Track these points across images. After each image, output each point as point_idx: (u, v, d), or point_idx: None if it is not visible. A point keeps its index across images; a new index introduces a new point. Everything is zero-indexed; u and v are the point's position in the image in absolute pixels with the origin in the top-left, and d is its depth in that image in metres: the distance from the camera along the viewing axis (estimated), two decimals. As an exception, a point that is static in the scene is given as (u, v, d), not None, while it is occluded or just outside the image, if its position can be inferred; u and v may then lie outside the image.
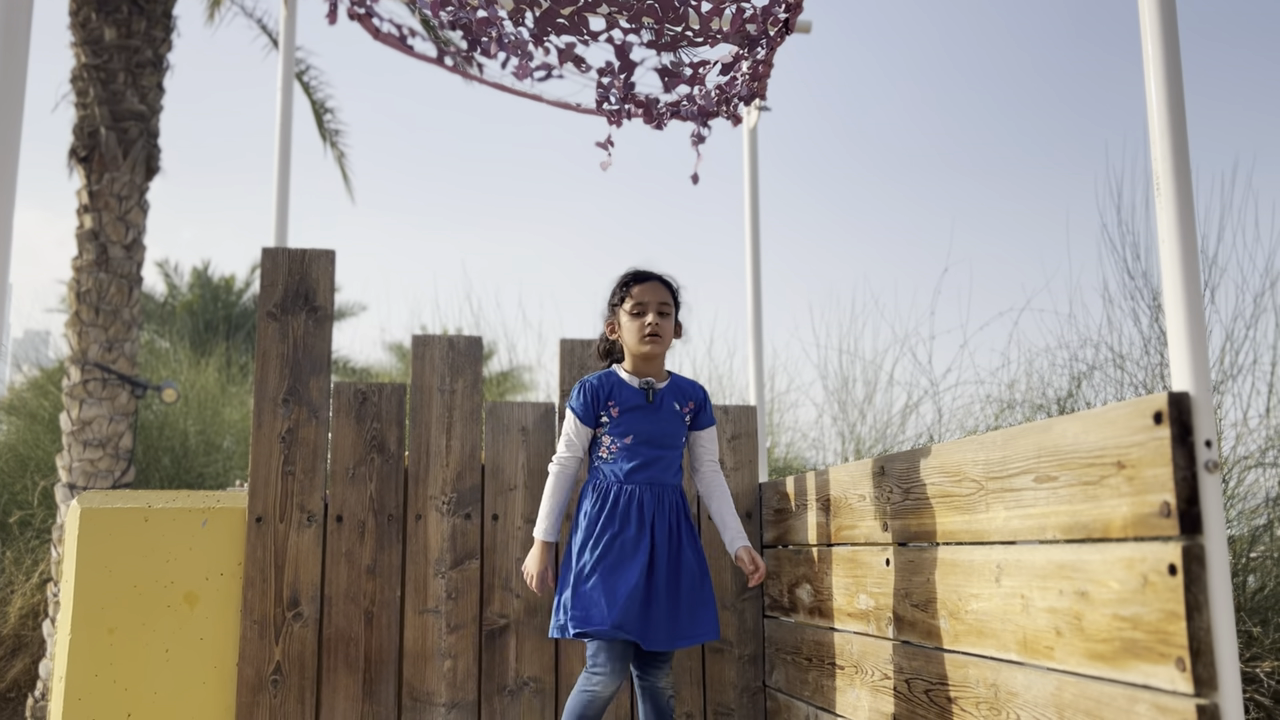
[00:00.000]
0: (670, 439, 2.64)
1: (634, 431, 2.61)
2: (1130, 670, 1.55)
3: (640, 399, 2.63)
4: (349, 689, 3.02)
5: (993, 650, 1.93)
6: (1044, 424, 1.79)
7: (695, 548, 2.60)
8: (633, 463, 2.58)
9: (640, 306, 2.63)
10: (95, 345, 6.65)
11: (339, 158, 9.92)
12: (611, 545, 2.50)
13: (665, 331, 2.63)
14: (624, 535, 2.51)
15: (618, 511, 2.54)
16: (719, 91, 2.94)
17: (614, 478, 2.59)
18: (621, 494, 2.56)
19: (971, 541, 2.03)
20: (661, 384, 2.68)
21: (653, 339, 2.61)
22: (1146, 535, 1.53)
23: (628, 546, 2.50)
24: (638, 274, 2.69)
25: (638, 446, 2.60)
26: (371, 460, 3.14)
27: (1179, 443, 1.48)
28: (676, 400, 2.68)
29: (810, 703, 2.84)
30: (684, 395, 2.70)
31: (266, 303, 3.16)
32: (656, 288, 2.65)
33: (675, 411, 2.67)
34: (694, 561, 2.57)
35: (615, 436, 2.62)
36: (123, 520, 2.99)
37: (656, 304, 2.63)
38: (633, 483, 2.57)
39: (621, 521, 2.53)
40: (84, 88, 6.87)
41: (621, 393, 2.65)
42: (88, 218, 6.76)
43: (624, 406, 2.62)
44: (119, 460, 6.61)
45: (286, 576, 3.03)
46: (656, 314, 2.62)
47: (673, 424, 2.66)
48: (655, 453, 2.60)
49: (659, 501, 2.57)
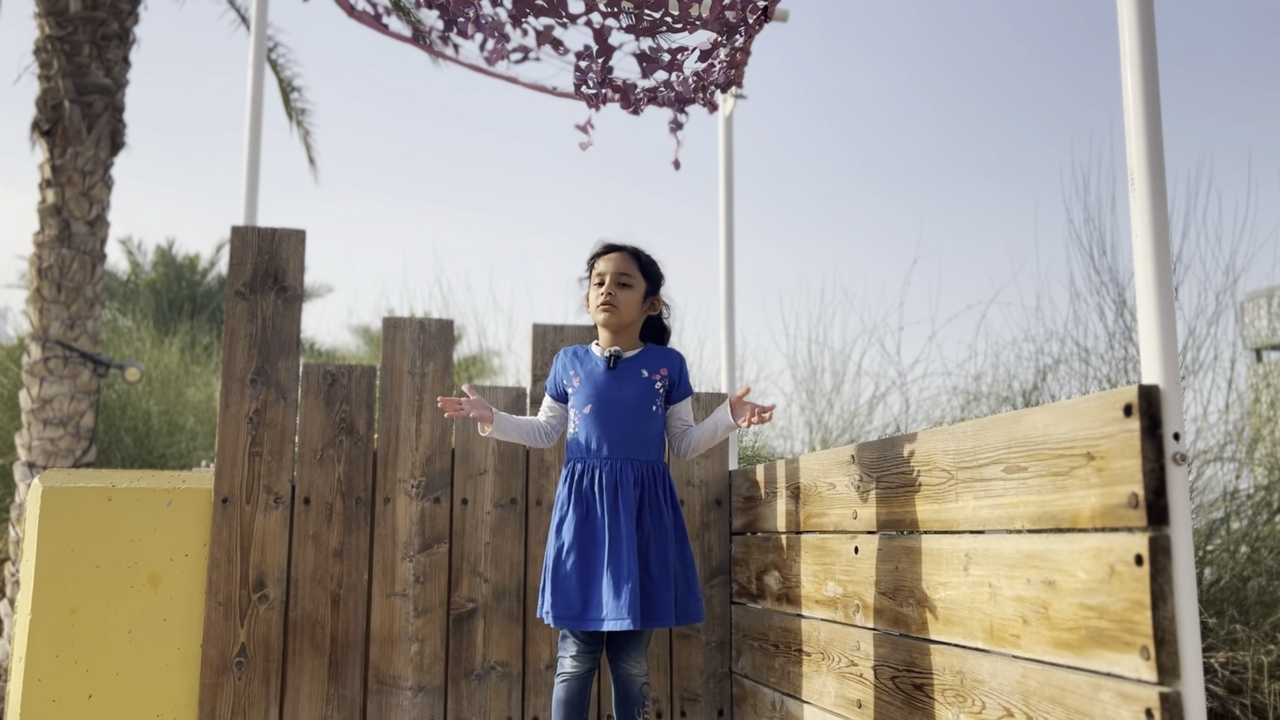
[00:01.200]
0: (635, 407, 2.54)
1: (593, 399, 2.54)
2: (1095, 659, 1.57)
3: (603, 365, 2.59)
4: (315, 672, 3.00)
5: (960, 638, 1.96)
6: (1015, 415, 1.81)
7: (673, 524, 2.52)
8: (595, 435, 2.52)
9: (600, 277, 2.60)
10: (57, 322, 6.54)
11: (304, 136, 9.81)
12: (581, 528, 2.46)
13: (623, 302, 2.56)
14: (592, 515, 2.47)
15: (583, 491, 2.49)
16: (696, 78, 2.94)
17: (580, 454, 2.54)
18: (587, 472, 2.51)
19: (940, 530, 2.05)
20: (630, 353, 2.62)
21: (606, 308, 2.56)
22: (1114, 526, 1.55)
23: (596, 526, 2.45)
24: (604, 246, 2.65)
25: (599, 416, 2.53)
26: (340, 442, 3.12)
27: (1148, 435, 1.50)
28: (645, 367, 2.59)
29: (776, 689, 2.86)
30: (656, 362, 2.61)
31: (235, 282, 3.12)
32: (618, 258, 2.60)
33: (643, 378, 2.57)
34: (669, 539, 2.50)
35: (577, 408, 2.58)
36: (86, 499, 2.95)
37: (615, 274, 2.58)
38: (598, 459, 2.51)
39: (588, 501, 2.48)
40: (48, 60, 6.74)
41: (585, 361, 2.62)
42: (50, 192, 6.64)
43: (584, 375, 2.58)
44: (80, 439, 6.52)
45: (252, 558, 3.00)
46: (615, 284, 2.57)
47: (638, 390, 2.55)
48: (619, 423, 2.52)
49: (624, 475, 2.48)
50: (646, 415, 2.57)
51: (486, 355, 10.04)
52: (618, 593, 2.37)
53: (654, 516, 2.51)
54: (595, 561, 2.44)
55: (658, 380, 2.60)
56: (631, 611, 2.35)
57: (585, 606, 2.41)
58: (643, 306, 2.63)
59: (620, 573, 2.39)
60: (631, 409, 2.55)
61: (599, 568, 2.42)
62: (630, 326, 2.61)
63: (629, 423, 2.54)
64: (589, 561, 2.44)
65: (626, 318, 2.60)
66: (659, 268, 2.68)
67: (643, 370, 2.59)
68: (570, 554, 2.45)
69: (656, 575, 2.47)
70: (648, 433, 2.57)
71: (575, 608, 2.41)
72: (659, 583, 2.47)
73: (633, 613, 2.35)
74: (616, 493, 2.47)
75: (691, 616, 2.52)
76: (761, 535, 3.05)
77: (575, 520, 2.47)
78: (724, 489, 3.35)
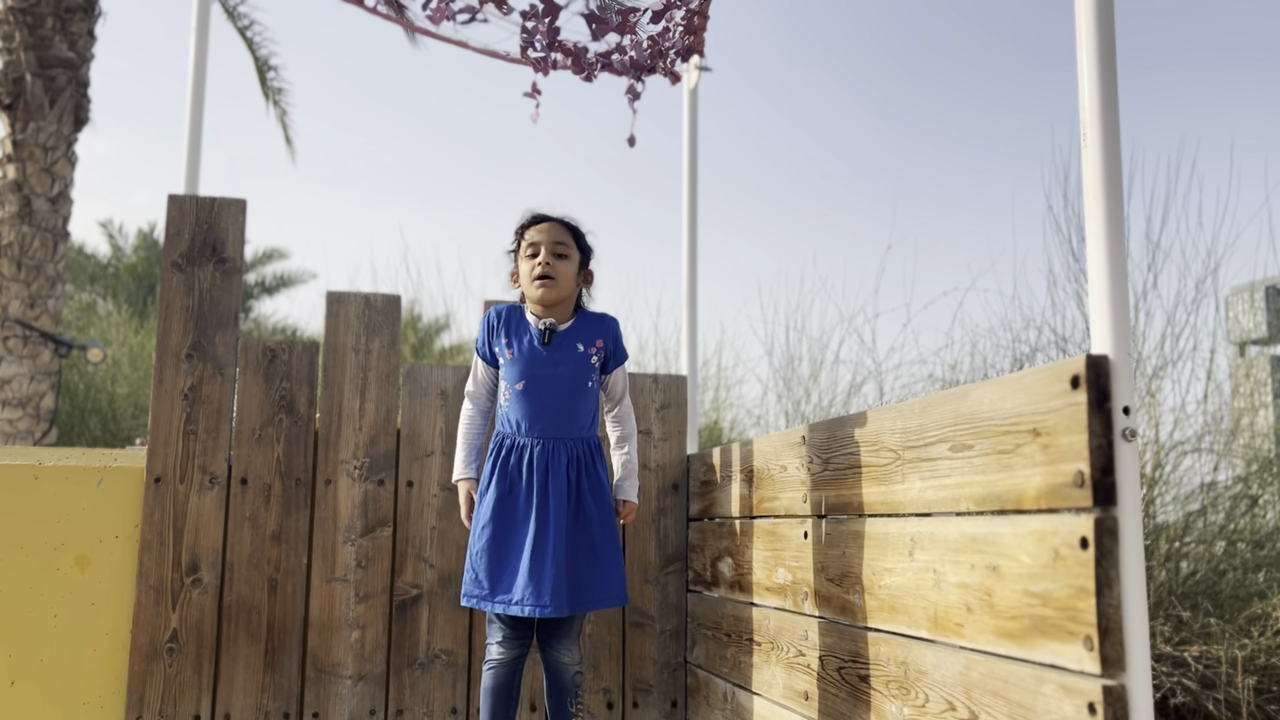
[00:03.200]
0: (571, 387, 2.41)
1: (526, 375, 2.40)
2: (1038, 649, 1.47)
3: (538, 339, 2.42)
4: (250, 659, 2.89)
5: (904, 627, 1.85)
6: (962, 390, 1.70)
7: (600, 505, 2.39)
8: (527, 412, 2.38)
9: (533, 247, 2.43)
10: (16, 301, 6.40)
11: (281, 116, 9.65)
12: (501, 506, 2.33)
13: (561, 273, 2.42)
14: (515, 494, 2.34)
15: (509, 468, 2.36)
16: (651, 43, 2.82)
17: (509, 429, 2.41)
18: (515, 448, 2.38)
19: (887, 514, 1.94)
20: (564, 325, 2.47)
21: (544, 281, 2.40)
22: (1059, 506, 1.44)
23: (519, 506, 2.33)
24: (534, 216, 2.49)
25: (531, 394, 2.39)
26: (279, 421, 2.99)
27: (1095, 409, 1.39)
28: (581, 341, 2.44)
29: (728, 679, 2.75)
30: (591, 334, 2.46)
31: (171, 252, 2.99)
32: (552, 228, 2.44)
33: (579, 354, 2.43)
34: (595, 520, 2.37)
35: (509, 381, 2.42)
36: (10, 477, 2.82)
37: (550, 244, 2.41)
38: (528, 435, 2.38)
39: (512, 479, 2.35)
40: (9, 32, 6.59)
41: (519, 330, 2.45)
42: (10, 168, 6.49)
43: (518, 348, 2.42)
44: (40, 421, 6.38)
45: (186, 541, 2.88)
46: (551, 254, 2.41)
47: (575, 368, 2.42)
48: (552, 401, 2.39)
49: (556, 455, 2.35)
50: (582, 393, 2.44)
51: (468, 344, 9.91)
52: (539, 578, 2.25)
53: (595, 495, 2.39)
54: (513, 543, 2.31)
55: (594, 354, 2.46)
56: (555, 597, 2.23)
57: (494, 587, 2.29)
58: (578, 279, 2.49)
59: (544, 558, 2.27)
60: (567, 388, 2.42)
61: (517, 550, 2.30)
62: (567, 300, 2.48)
63: (564, 402, 2.41)
64: (505, 542, 2.32)
65: (565, 290, 2.45)
66: (589, 239, 2.54)
67: (578, 344, 2.45)
68: (485, 531, 2.32)
69: (586, 559, 2.34)
70: (583, 411, 2.44)
71: (484, 587, 2.30)
72: (588, 566, 2.34)
73: (556, 599, 2.23)
74: (547, 475, 2.34)
75: (618, 599, 2.39)
76: (717, 521, 2.94)
77: (495, 497, 2.34)
78: (681, 473, 3.24)
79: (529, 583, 2.26)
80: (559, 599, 2.25)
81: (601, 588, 2.34)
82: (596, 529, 2.37)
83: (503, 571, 2.30)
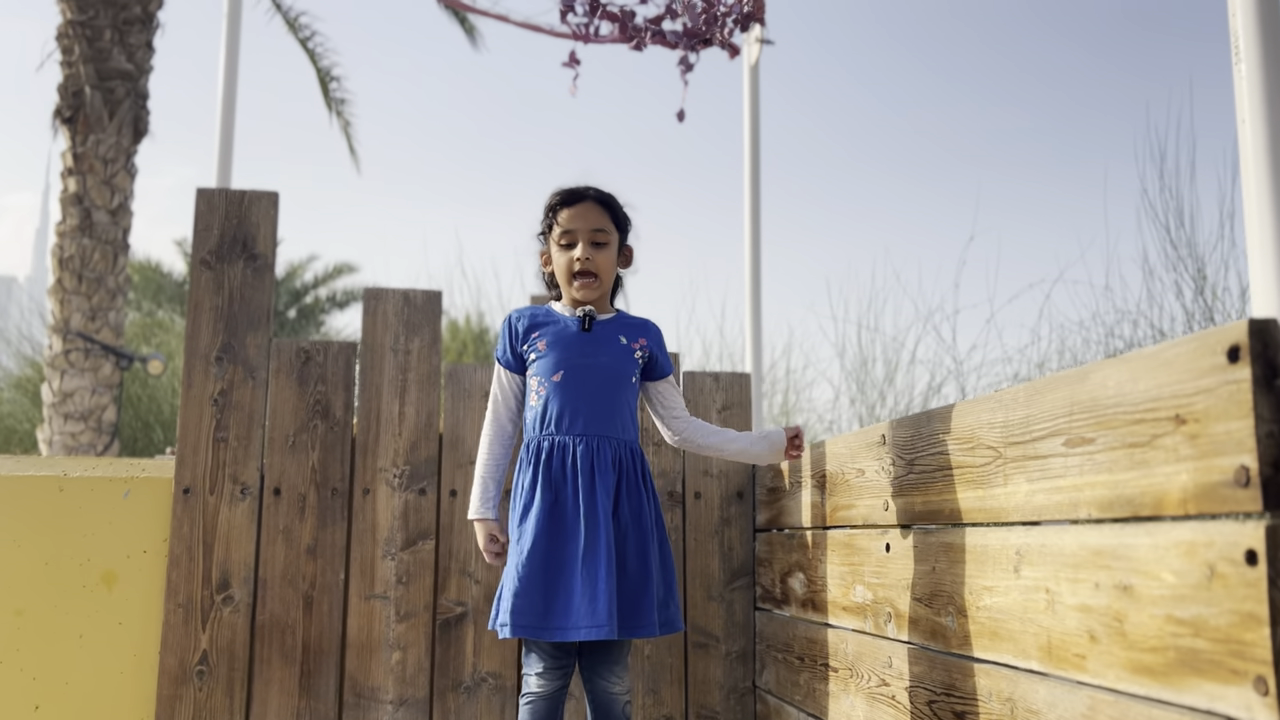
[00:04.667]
0: (614, 375, 2.13)
1: (565, 365, 2.11)
2: (1189, 690, 1.17)
3: (575, 325, 2.15)
4: (284, 682, 2.69)
5: (1009, 656, 1.56)
6: (1079, 372, 1.41)
7: (654, 518, 2.12)
8: (566, 405, 2.08)
9: (569, 235, 2.15)
10: (78, 314, 6.37)
11: (345, 127, 9.61)
12: (550, 518, 2.03)
13: (602, 266, 2.14)
14: (563, 501, 2.04)
15: (553, 472, 2.06)
16: (705, 5, 2.56)
17: (547, 429, 2.09)
18: (554, 450, 2.07)
19: (986, 522, 1.65)
20: (604, 316, 2.20)
21: (584, 279, 2.14)
22: (1214, 512, 1.15)
23: (568, 515, 2.03)
24: (566, 193, 2.18)
25: (571, 385, 2.09)
26: (314, 427, 2.80)
27: (1264, 386, 1.10)
28: (624, 334, 2.18)
29: (801, 708, 2.47)
30: (633, 331, 2.20)
31: (200, 249, 2.82)
32: (589, 210, 2.15)
33: (621, 345, 2.16)
34: (650, 535, 2.09)
35: (543, 375, 2.12)
36: (34, 489, 2.67)
37: (588, 231, 2.14)
38: (569, 433, 2.07)
39: (558, 485, 2.05)
40: (69, 45, 6.59)
41: (548, 322, 2.16)
42: (71, 181, 6.47)
43: (552, 337, 2.13)
44: (101, 433, 6.33)
45: (216, 555, 2.70)
46: (589, 244, 2.14)
47: (617, 357, 2.15)
48: (595, 393, 2.10)
49: (600, 453, 2.07)
50: (625, 386, 2.16)
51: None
52: (594, 596, 1.95)
53: (632, 506, 2.09)
54: (566, 559, 2.01)
55: (637, 349, 2.19)
56: (610, 617, 1.94)
57: (548, 612, 1.99)
58: (617, 264, 2.22)
59: (597, 570, 1.97)
60: (610, 378, 2.13)
61: (571, 566, 2.00)
62: (608, 293, 2.22)
63: (607, 393, 2.12)
64: (559, 559, 2.01)
65: (607, 284, 2.19)
66: (625, 209, 2.24)
67: (620, 336, 2.17)
68: (537, 550, 2.01)
69: (636, 575, 2.05)
70: (626, 407, 2.15)
71: (538, 614, 1.98)
72: (639, 584, 2.05)
73: (611, 618, 1.94)
74: (593, 475, 2.05)
75: (672, 625, 2.11)
76: (786, 532, 2.67)
77: (543, 509, 2.03)
78: (746, 480, 2.97)
79: (584, 602, 1.97)
80: (614, 619, 1.96)
81: (652, 612, 2.04)
82: (651, 543, 2.09)
83: (556, 594, 2.00)
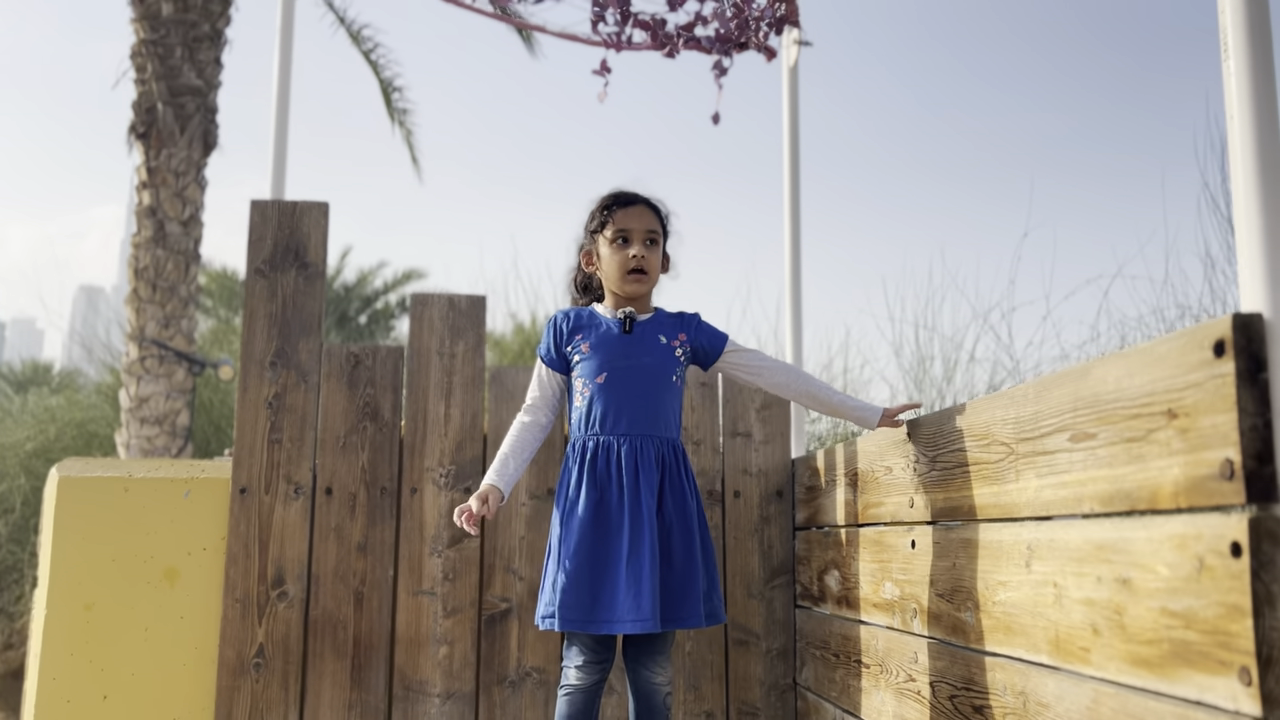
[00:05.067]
0: (656, 376, 2.20)
1: (609, 367, 2.18)
2: (1181, 681, 1.18)
3: (616, 328, 2.22)
4: (336, 675, 2.79)
5: (1022, 650, 1.57)
6: (1081, 368, 1.43)
7: (697, 512, 2.19)
8: (610, 406, 2.16)
9: (623, 234, 2.22)
10: (152, 322, 6.61)
11: (407, 136, 9.79)
12: (596, 515, 2.10)
13: (652, 265, 2.23)
14: (608, 499, 2.11)
15: (598, 471, 2.13)
16: (736, 10, 2.60)
17: (591, 428, 2.18)
18: (599, 450, 2.15)
19: (1000, 518, 1.67)
20: (643, 316, 2.27)
21: (637, 276, 2.21)
22: (1202, 505, 1.16)
23: (612, 512, 2.10)
24: (621, 195, 2.27)
25: (615, 386, 2.17)
26: (364, 428, 2.90)
27: (1247, 380, 1.11)
28: (663, 333, 2.24)
29: (837, 705, 2.50)
30: (672, 328, 2.26)
31: (254, 259, 2.94)
32: (643, 213, 2.24)
33: (662, 345, 2.22)
34: (693, 528, 2.16)
35: (587, 377, 2.20)
36: (101, 489, 2.80)
37: (643, 232, 2.21)
38: (612, 433, 2.15)
39: (603, 484, 2.12)
40: (143, 64, 6.84)
41: (591, 324, 2.24)
42: (145, 194, 6.72)
43: (595, 339, 2.21)
44: (176, 437, 6.57)
45: (271, 552, 2.81)
46: (643, 244, 2.22)
47: (659, 357, 2.21)
48: (637, 393, 2.17)
49: (644, 453, 2.14)
50: (668, 386, 2.22)
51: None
52: (638, 589, 2.03)
53: (676, 502, 2.16)
54: (612, 555, 2.08)
55: (677, 347, 2.25)
56: (654, 610, 2.02)
57: (594, 606, 2.06)
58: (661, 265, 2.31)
59: (642, 566, 2.04)
60: (652, 378, 2.20)
61: (616, 561, 2.07)
62: (650, 292, 2.30)
63: (649, 394, 2.19)
64: (604, 555, 2.09)
65: (654, 282, 2.29)
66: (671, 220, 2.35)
67: (660, 336, 2.24)
68: (583, 546, 2.09)
69: (681, 569, 2.12)
70: (669, 406, 2.22)
71: (584, 608, 2.06)
72: (684, 577, 2.12)
73: (654, 611, 2.02)
74: (637, 474, 2.12)
75: (715, 617, 2.17)
76: (824, 530, 2.69)
77: (589, 506, 2.11)
78: (786, 479, 2.99)
79: (629, 596, 2.04)
80: (658, 611, 2.04)
81: (697, 603, 2.12)
82: (695, 537, 2.16)
83: (602, 589, 2.07)
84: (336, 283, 20.62)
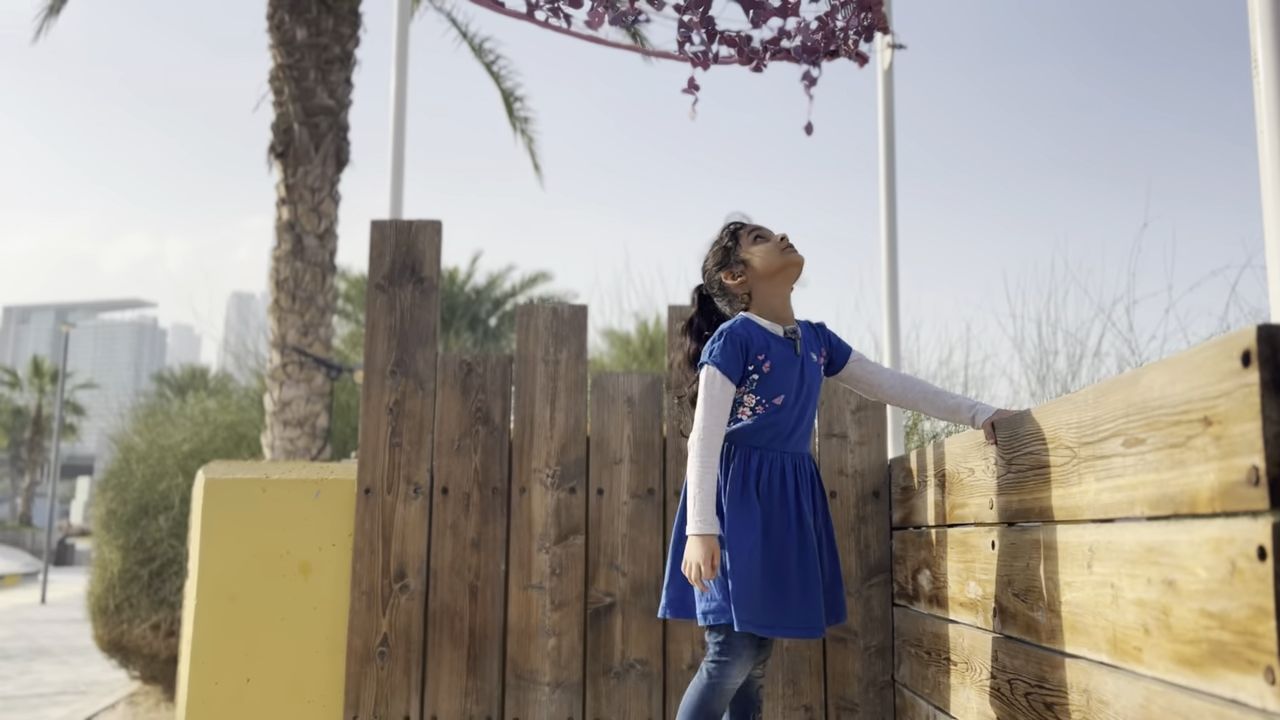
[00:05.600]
0: (815, 398, 2.35)
1: (785, 390, 2.26)
2: (1218, 680, 1.22)
3: (788, 351, 2.29)
4: (454, 664, 2.98)
5: (1085, 649, 1.62)
6: (1133, 375, 1.47)
7: (831, 522, 2.38)
8: (781, 428, 2.26)
9: (757, 232, 2.36)
10: (292, 330, 7.03)
11: (528, 144, 10.09)
12: (761, 530, 2.20)
13: None
14: (771, 518, 2.22)
15: (761, 486, 2.23)
16: (820, 23, 2.66)
17: (760, 442, 2.26)
18: (764, 464, 2.25)
19: (1066, 520, 1.71)
20: (789, 326, 2.35)
21: (793, 252, 2.30)
22: (1234, 510, 1.20)
23: (777, 529, 2.21)
24: (734, 218, 2.43)
25: (790, 408, 2.27)
26: (476, 432, 3.08)
27: (1271, 390, 1.14)
28: (813, 350, 2.36)
29: (930, 701, 2.54)
30: (816, 343, 2.38)
31: (375, 275, 3.15)
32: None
33: (814, 363, 2.35)
34: (832, 535, 2.36)
35: (763, 396, 2.26)
36: (243, 490, 3.06)
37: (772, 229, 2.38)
38: (780, 450, 2.27)
39: (766, 500, 2.23)
40: (280, 87, 7.28)
41: (770, 343, 2.28)
42: (284, 210, 7.15)
43: (774, 358, 2.27)
44: (315, 439, 6.97)
45: (394, 548, 3.02)
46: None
47: (817, 377, 2.35)
48: (804, 415, 2.30)
49: (802, 471, 2.29)
50: (816, 406, 2.39)
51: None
52: (812, 597, 2.20)
53: (821, 513, 2.34)
54: (785, 564, 2.21)
55: (822, 361, 2.40)
56: (822, 619, 2.21)
57: (778, 612, 2.19)
58: None
59: (810, 578, 2.21)
60: (814, 399, 2.35)
61: (788, 571, 2.20)
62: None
63: (810, 414, 2.35)
64: (777, 564, 2.21)
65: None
66: None
67: (812, 354, 2.36)
68: (768, 556, 2.19)
69: (830, 574, 2.33)
70: (813, 425, 2.40)
71: (771, 614, 2.18)
72: (834, 581, 2.33)
73: (822, 621, 2.21)
74: (797, 489, 2.27)
75: (841, 616, 2.36)
76: (917, 530, 2.74)
77: (761, 518, 2.22)
78: (882, 479, 3.04)
79: (801, 604, 2.20)
80: (823, 621, 2.23)
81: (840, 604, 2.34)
82: (825, 547, 2.33)
83: (782, 596, 2.20)
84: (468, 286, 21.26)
